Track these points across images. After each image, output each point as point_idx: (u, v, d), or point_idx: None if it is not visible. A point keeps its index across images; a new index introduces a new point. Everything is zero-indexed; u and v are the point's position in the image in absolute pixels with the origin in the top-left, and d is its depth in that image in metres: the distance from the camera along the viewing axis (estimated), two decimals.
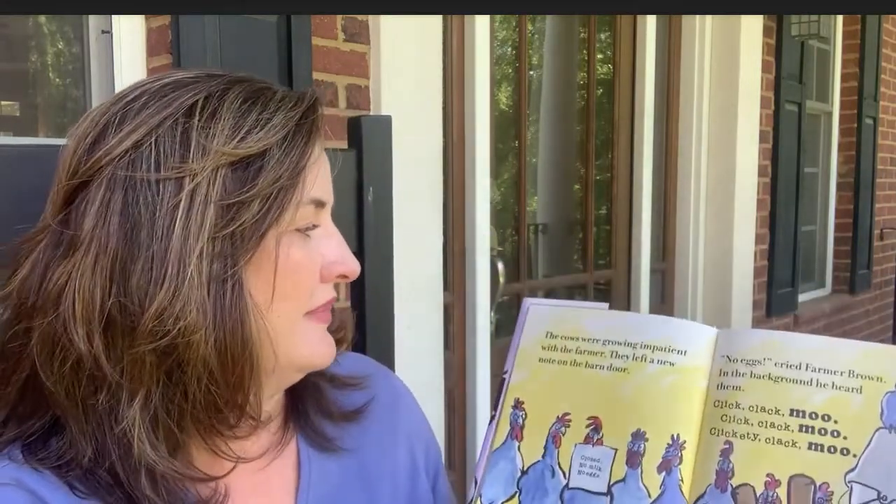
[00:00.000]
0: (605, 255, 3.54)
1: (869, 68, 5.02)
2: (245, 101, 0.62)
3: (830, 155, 5.05)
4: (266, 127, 0.61)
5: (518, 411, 0.67)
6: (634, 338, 0.65)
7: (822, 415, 0.58)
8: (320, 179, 0.65)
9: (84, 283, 0.58)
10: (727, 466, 0.60)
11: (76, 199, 0.60)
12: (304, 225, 0.64)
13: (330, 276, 0.67)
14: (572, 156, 3.55)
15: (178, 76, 0.63)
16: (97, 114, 0.62)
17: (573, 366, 0.67)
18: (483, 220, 2.68)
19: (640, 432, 0.62)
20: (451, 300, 2.65)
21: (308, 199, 0.64)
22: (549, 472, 0.65)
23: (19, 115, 2.01)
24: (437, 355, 2.35)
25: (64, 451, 0.61)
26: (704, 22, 3.66)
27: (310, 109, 0.65)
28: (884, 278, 5.58)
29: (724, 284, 3.76)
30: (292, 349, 0.65)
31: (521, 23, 3.02)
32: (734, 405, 0.61)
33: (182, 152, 0.59)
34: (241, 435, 0.65)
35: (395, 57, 2.15)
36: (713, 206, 3.76)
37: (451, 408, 2.68)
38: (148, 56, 1.80)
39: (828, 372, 0.59)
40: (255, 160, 0.60)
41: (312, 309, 0.66)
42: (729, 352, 0.63)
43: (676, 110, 3.70)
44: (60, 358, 0.58)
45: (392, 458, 0.78)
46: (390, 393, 0.82)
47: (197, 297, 0.58)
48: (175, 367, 0.59)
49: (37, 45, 1.96)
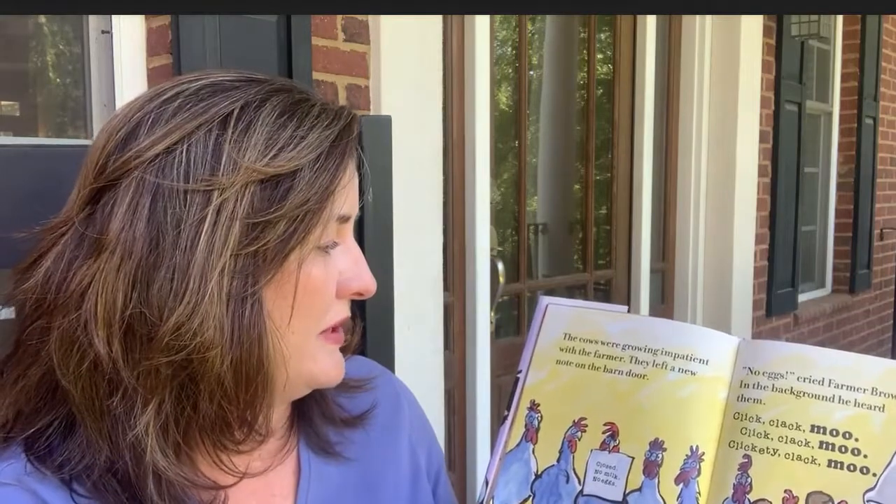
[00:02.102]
0: (605, 255, 3.54)
1: (869, 68, 5.01)
2: (282, 114, 0.61)
3: (830, 155, 5.05)
4: (300, 146, 0.60)
5: (534, 413, 0.66)
6: (655, 344, 0.64)
7: (843, 432, 0.58)
8: (350, 197, 0.64)
9: (108, 286, 0.57)
10: (745, 481, 0.59)
11: (103, 197, 0.59)
12: (326, 243, 0.63)
13: (346, 292, 0.66)
14: (572, 156, 3.55)
15: (218, 78, 0.62)
16: (131, 110, 0.61)
17: (591, 369, 0.65)
18: (483, 220, 2.67)
19: (658, 441, 0.62)
20: (451, 300, 2.65)
21: (335, 218, 0.63)
22: (564, 477, 0.64)
23: (19, 115, 2.01)
24: (437, 355, 2.35)
25: (72, 453, 0.60)
26: (704, 22, 3.66)
27: (346, 129, 0.63)
28: (884, 278, 5.58)
29: (724, 284, 3.76)
30: (303, 367, 0.65)
31: (521, 23, 3.02)
32: (754, 418, 0.60)
33: (213, 164, 0.58)
34: (245, 450, 0.64)
35: (395, 57, 2.15)
36: (713, 206, 3.75)
37: (451, 408, 2.68)
38: (148, 56, 1.80)
39: (851, 389, 0.58)
40: (285, 179, 0.59)
41: (326, 328, 0.66)
42: (751, 364, 0.62)
43: (676, 110, 3.70)
44: (78, 357, 0.58)
45: (394, 461, 0.77)
46: (392, 396, 0.82)
47: (216, 313, 0.57)
48: (188, 381, 0.59)
49: (37, 45, 1.96)
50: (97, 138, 0.62)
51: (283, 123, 0.60)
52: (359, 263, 0.67)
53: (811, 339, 4.56)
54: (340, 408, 0.75)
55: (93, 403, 0.59)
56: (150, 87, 0.64)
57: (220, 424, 0.61)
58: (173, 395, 0.59)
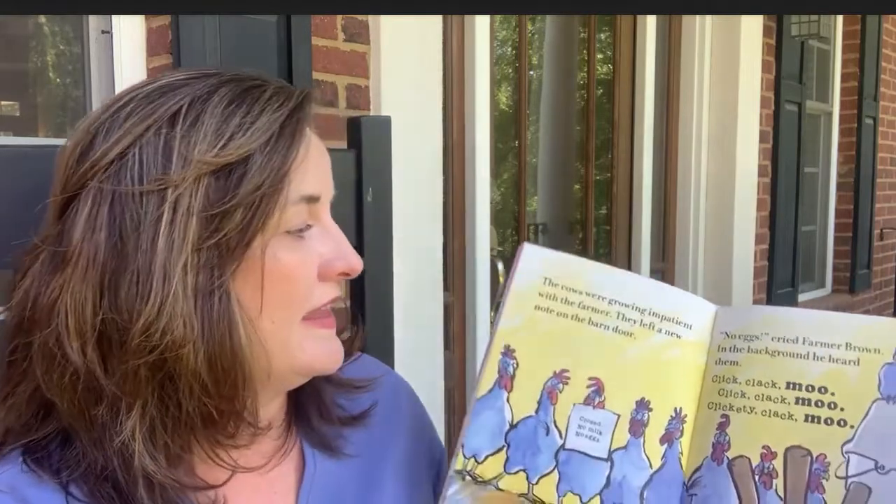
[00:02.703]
0: (605, 255, 3.54)
1: (869, 68, 5.01)
2: (230, 103, 0.60)
3: (830, 155, 5.05)
4: (249, 131, 0.59)
5: (508, 359, 0.63)
6: (643, 303, 0.63)
7: (818, 387, 0.58)
8: (311, 176, 0.63)
9: (75, 296, 0.58)
10: (724, 439, 0.59)
11: (67, 210, 0.60)
12: (297, 226, 0.63)
13: (329, 274, 0.65)
14: (572, 156, 3.55)
15: (169, 79, 0.62)
16: (88, 122, 0.62)
17: (575, 320, 0.64)
18: (483, 220, 2.67)
19: (644, 401, 0.61)
20: (451, 300, 2.65)
21: (297, 199, 0.62)
22: (543, 430, 0.62)
23: (19, 115, 2.01)
24: (437, 355, 2.35)
25: (68, 462, 0.60)
26: (704, 22, 3.66)
27: (297, 108, 0.63)
28: (884, 278, 5.58)
29: (724, 284, 3.76)
30: (291, 354, 0.64)
31: (521, 23, 3.02)
32: (731, 380, 0.61)
33: (164, 163, 0.58)
34: (242, 443, 0.64)
35: (395, 57, 2.15)
36: (713, 206, 3.75)
37: (451, 407, 2.68)
38: (148, 56, 1.80)
39: (825, 345, 0.59)
40: (237, 167, 0.59)
41: (311, 311, 0.65)
42: (728, 328, 0.62)
43: (676, 110, 3.70)
44: (59, 371, 0.58)
45: (394, 456, 0.77)
46: (393, 392, 0.81)
47: (183, 310, 0.57)
48: (167, 380, 0.59)
49: (37, 45, 1.96)
50: (59, 153, 0.62)
51: (232, 112, 0.60)
52: (340, 243, 0.66)
53: None
54: (340, 408, 0.75)
55: (81, 414, 0.59)
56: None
57: (206, 419, 0.60)
58: (155, 395, 0.59)
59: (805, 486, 0.57)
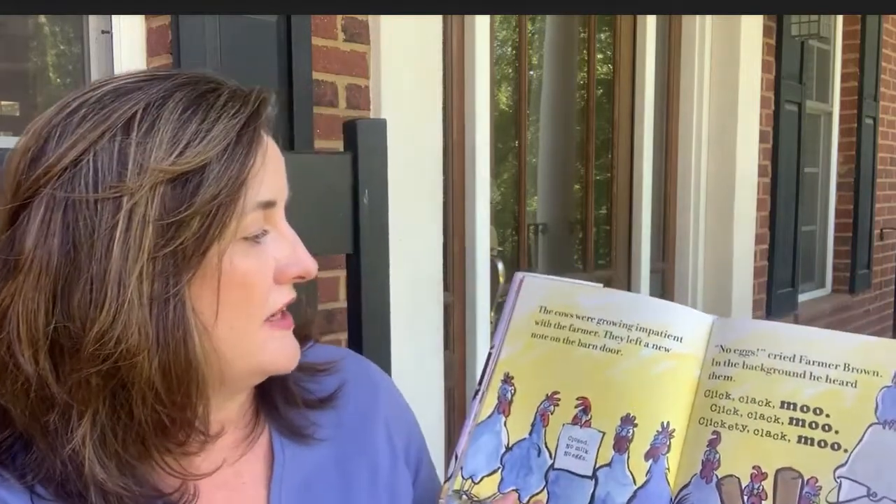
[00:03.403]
0: (605, 255, 3.54)
1: (869, 68, 5.01)
2: (185, 109, 0.60)
3: (830, 155, 5.05)
4: (206, 139, 0.59)
5: (507, 386, 0.65)
6: (630, 319, 0.63)
7: (813, 408, 0.57)
8: (268, 182, 0.63)
9: (27, 304, 0.57)
10: (714, 457, 0.59)
11: (19, 217, 0.59)
12: (253, 232, 0.63)
13: (284, 278, 0.66)
14: (572, 156, 3.55)
15: (119, 82, 0.62)
16: (39, 126, 0.61)
17: (566, 343, 0.65)
18: (483, 220, 2.67)
19: (629, 417, 0.61)
20: (451, 300, 2.65)
21: (253, 206, 0.62)
22: (535, 451, 0.63)
23: (19, 115, 2.01)
24: (437, 355, 2.35)
25: (29, 466, 0.60)
26: (704, 22, 3.66)
27: (254, 114, 0.62)
28: (884, 278, 5.58)
29: (724, 284, 3.76)
30: (249, 358, 0.64)
31: (521, 23, 3.02)
32: (724, 395, 0.60)
33: (119, 170, 0.57)
34: (192, 451, 0.64)
35: (395, 57, 2.15)
36: (713, 206, 3.75)
37: (451, 408, 2.68)
38: (148, 56, 1.80)
39: (822, 365, 0.58)
40: (193, 175, 0.58)
41: (271, 314, 0.65)
42: (723, 341, 0.62)
43: (676, 110, 3.70)
44: (10, 378, 0.58)
45: (370, 445, 0.77)
46: (367, 379, 0.81)
47: (138, 318, 0.57)
48: (119, 388, 0.58)
49: (37, 45, 1.96)
50: (9, 157, 0.61)
51: (188, 118, 0.59)
52: (295, 247, 0.66)
53: None
54: (306, 391, 0.75)
55: (34, 421, 0.59)
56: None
57: (157, 428, 0.60)
58: (106, 404, 0.59)
59: None
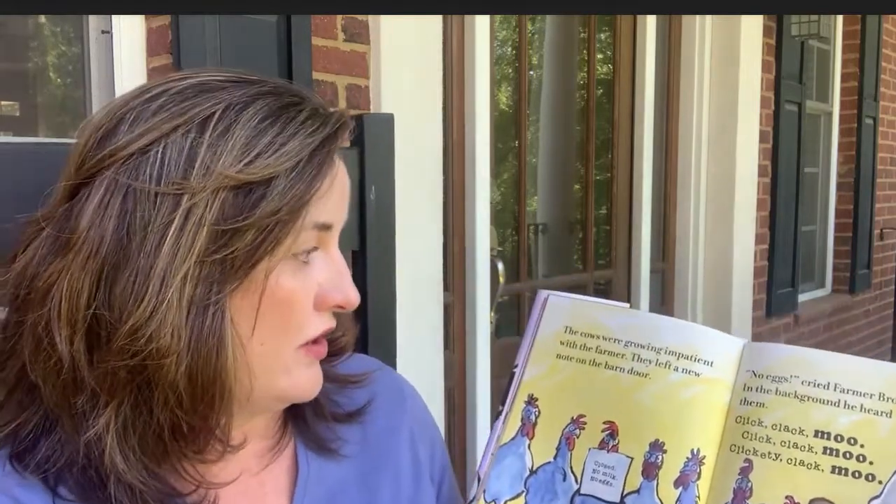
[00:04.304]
0: (605, 255, 3.54)
1: (869, 68, 5.01)
2: (264, 119, 0.59)
3: (830, 155, 5.05)
4: (278, 153, 0.58)
5: (531, 408, 0.64)
6: (659, 342, 0.62)
7: (848, 438, 0.56)
8: (330, 206, 0.62)
9: (72, 283, 0.57)
10: (746, 486, 0.58)
11: (78, 194, 0.59)
12: (304, 249, 0.61)
13: (325, 304, 0.64)
14: (572, 156, 3.55)
15: (206, 77, 0.61)
16: (116, 105, 0.60)
17: (592, 365, 0.64)
18: (483, 220, 2.67)
19: (658, 443, 0.60)
20: (451, 300, 2.65)
21: (310, 227, 0.61)
22: (561, 475, 0.62)
23: (19, 115, 2.01)
24: (437, 355, 2.35)
25: (51, 449, 0.60)
26: (704, 22, 3.66)
27: (330, 137, 0.61)
28: (884, 278, 5.58)
29: (724, 284, 3.76)
30: (274, 380, 0.63)
31: (521, 23, 3.02)
32: (757, 422, 0.59)
33: (186, 167, 0.57)
34: (210, 459, 0.63)
35: (395, 57, 2.15)
36: (713, 206, 3.75)
37: (451, 408, 2.68)
38: (148, 56, 1.80)
39: (857, 394, 0.57)
40: (258, 187, 0.57)
41: (306, 342, 0.63)
42: (755, 366, 0.60)
43: (676, 110, 3.70)
44: (45, 354, 0.58)
45: (394, 458, 0.76)
46: (395, 392, 0.80)
47: (174, 319, 0.56)
48: (145, 386, 0.58)
49: (37, 46, 1.96)
50: (81, 132, 0.61)
51: (264, 129, 0.58)
52: (342, 274, 0.64)
53: (811, 340, 4.55)
54: (335, 403, 0.74)
55: (62, 400, 0.59)
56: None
57: (175, 432, 0.59)
58: (131, 398, 0.58)
59: None
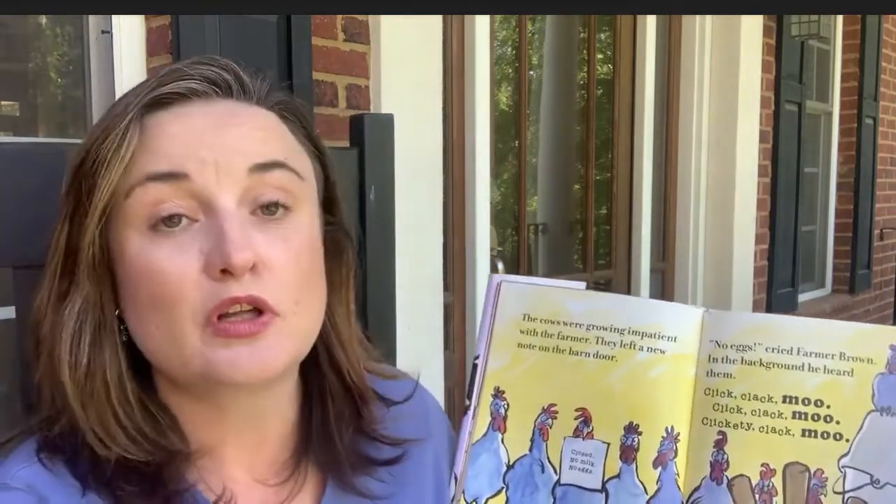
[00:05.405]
0: (605, 255, 3.54)
1: (869, 68, 5.01)
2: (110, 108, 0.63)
3: (830, 155, 5.05)
4: (98, 128, 0.62)
5: (499, 401, 0.63)
6: (621, 322, 0.61)
7: (814, 400, 0.57)
8: (167, 150, 0.58)
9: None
10: (722, 458, 0.58)
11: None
12: (154, 216, 0.58)
13: (211, 270, 0.56)
14: (572, 156, 3.55)
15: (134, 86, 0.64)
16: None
17: (556, 352, 0.62)
18: (483, 220, 2.67)
19: (632, 425, 0.60)
20: (451, 300, 2.65)
21: (141, 179, 0.58)
22: (539, 467, 0.62)
23: (19, 115, 2.01)
24: (437, 355, 2.35)
25: (80, 446, 0.60)
26: (704, 22, 3.66)
27: (136, 92, 0.62)
28: (884, 278, 5.58)
29: (724, 284, 3.76)
30: (186, 362, 0.58)
31: (521, 23, 3.02)
32: (726, 393, 0.59)
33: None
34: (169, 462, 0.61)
35: (395, 57, 2.15)
36: (713, 206, 3.75)
37: (451, 408, 2.68)
38: (148, 56, 1.80)
39: (819, 356, 0.58)
40: (79, 171, 0.61)
41: (207, 313, 0.57)
42: (718, 336, 0.60)
43: (676, 110, 3.70)
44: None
45: (419, 480, 0.74)
46: (421, 413, 0.78)
47: (50, 319, 0.61)
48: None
49: (37, 46, 1.96)
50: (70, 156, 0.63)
51: (101, 118, 0.62)
52: (222, 235, 0.56)
53: None
54: (376, 448, 0.71)
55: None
56: None
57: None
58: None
59: (804, 502, 0.56)
